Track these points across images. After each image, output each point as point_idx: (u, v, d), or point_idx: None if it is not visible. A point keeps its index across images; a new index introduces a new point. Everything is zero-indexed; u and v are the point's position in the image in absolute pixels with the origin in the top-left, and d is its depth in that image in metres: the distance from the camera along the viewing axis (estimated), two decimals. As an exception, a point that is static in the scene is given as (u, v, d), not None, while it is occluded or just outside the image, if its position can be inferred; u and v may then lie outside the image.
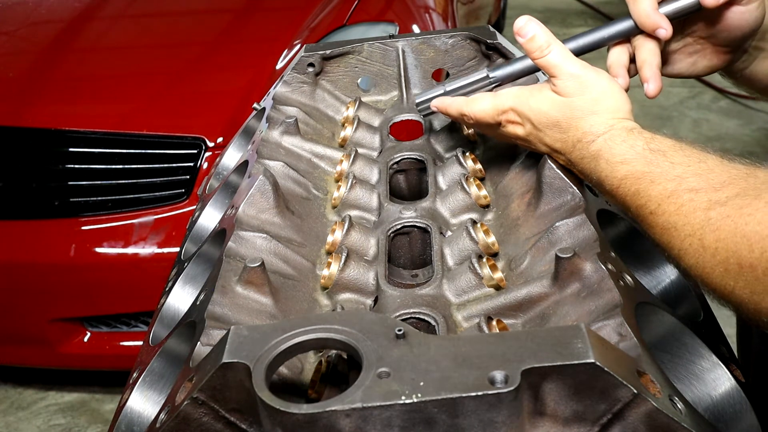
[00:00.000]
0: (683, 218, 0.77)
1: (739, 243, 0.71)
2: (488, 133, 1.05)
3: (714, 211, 0.75)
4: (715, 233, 0.73)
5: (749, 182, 0.75)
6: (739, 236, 0.71)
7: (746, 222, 0.71)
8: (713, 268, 0.74)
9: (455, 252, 0.95)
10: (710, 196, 0.76)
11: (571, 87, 0.92)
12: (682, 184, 0.79)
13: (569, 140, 0.92)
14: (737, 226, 0.72)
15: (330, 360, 0.81)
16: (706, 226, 0.74)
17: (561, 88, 0.92)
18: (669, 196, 0.79)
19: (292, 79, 1.30)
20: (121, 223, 2.47)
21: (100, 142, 2.52)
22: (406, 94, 1.32)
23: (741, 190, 0.74)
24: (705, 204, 0.76)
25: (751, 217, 0.71)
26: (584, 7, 6.79)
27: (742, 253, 0.71)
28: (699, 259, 0.75)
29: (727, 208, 0.74)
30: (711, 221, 0.74)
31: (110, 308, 2.56)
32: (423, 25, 3.21)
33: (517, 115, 0.96)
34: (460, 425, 0.60)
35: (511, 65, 1.04)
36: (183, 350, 0.90)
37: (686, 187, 0.78)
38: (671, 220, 0.78)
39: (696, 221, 0.76)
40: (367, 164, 1.14)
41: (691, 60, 1.05)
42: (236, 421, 0.68)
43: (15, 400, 2.88)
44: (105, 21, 3.14)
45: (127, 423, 0.89)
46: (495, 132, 1.01)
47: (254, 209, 1.01)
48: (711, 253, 0.74)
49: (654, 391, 0.65)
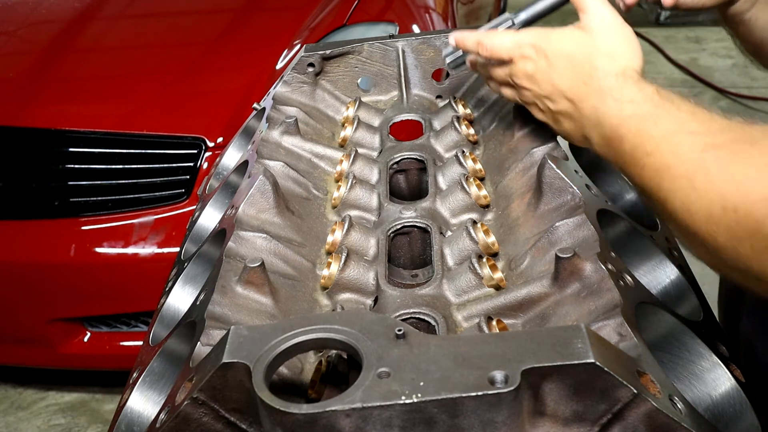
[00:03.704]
0: (678, 159, 0.77)
1: (728, 185, 0.72)
2: (494, 74, 1.04)
3: (708, 153, 0.75)
4: (706, 175, 0.74)
5: (746, 130, 0.76)
6: (729, 179, 0.72)
7: (738, 166, 0.72)
8: (698, 211, 0.74)
9: (455, 252, 0.95)
10: (707, 139, 0.76)
11: (597, 25, 0.94)
12: (683, 127, 0.79)
13: (579, 76, 0.92)
14: (728, 169, 0.72)
15: (330, 360, 0.81)
16: (699, 168, 0.75)
17: (586, 24, 0.95)
18: (669, 136, 0.80)
19: (292, 79, 1.30)
20: (121, 223, 2.47)
21: (100, 142, 2.52)
22: (406, 94, 1.32)
23: (738, 136, 0.75)
24: (701, 146, 0.76)
25: (743, 161, 0.72)
26: (584, 7, 6.79)
27: (728, 195, 0.71)
28: (685, 202, 0.75)
29: (722, 152, 0.74)
30: (704, 162, 0.75)
31: (110, 308, 2.56)
32: (423, 25, 3.21)
33: (534, 51, 0.97)
34: (460, 425, 0.60)
35: (533, 6, 1.07)
36: (183, 350, 0.90)
37: (686, 130, 0.79)
38: (665, 160, 0.79)
39: (690, 162, 0.76)
40: (367, 164, 1.14)
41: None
42: (236, 421, 0.68)
43: (15, 400, 2.88)
44: (105, 21, 3.14)
45: (127, 423, 0.89)
46: (502, 73, 1.02)
47: (254, 209, 1.01)
48: (698, 195, 0.74)
49: (654, 391, 0.65)
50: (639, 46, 0.94)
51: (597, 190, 1.01)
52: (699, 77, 4.97)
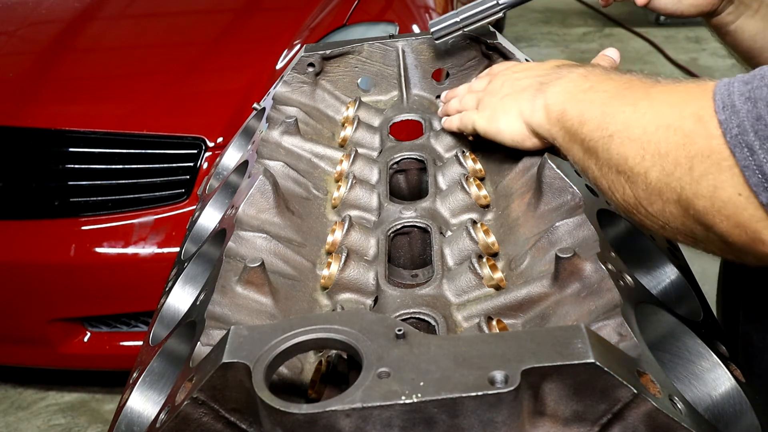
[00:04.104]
0: (629, 90, 0.81)
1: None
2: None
3: (657, 89, 0.79)
4: (649, 101, 0.77)
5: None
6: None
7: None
8: (637, 131, 0.76)
9: (455, 252, 0.95)
10: (662, 85, 0.80)
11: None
12: (644, 77, 0.83)
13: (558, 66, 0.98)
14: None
15: (330, 360, 0.81)
16: (644, 95, 0.79)
17: None
18: (628, 80, 0.84)
19: (292, 79, 1.30)
20: (121, 223, 2.47)
21: (100, 142, 2.52)
22: (406, 94, 1.32)
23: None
24: (652, 84, 0.80)
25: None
26: (584, 7, 6.80)
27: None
28: (627, 122, 0.78)
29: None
30: (651, 94, 0.79)
31: (110, 308, 2.56)
32: (423, 25, 3.21)
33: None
34: (460, 425, 0.60)
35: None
36: (183, 350, 0.90)
37: (646, 78, 0.83)
38: (618, 92, 0.82)
39: (638, 91, 0.80)
40: (367, 164, 1.14)
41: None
42: (236, 421, 0.68)
43: (15, 400, 2.88)
44: (105, 21, 3.15)
45: (127, 423, 0.89)
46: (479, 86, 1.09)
47: (254, 209, 1.01)
48: (638, 116, 0.77)
49: (654, 391, 0.65)
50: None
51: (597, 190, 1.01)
52: (699, 77, 4.97)
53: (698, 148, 0.69)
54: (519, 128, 0.98)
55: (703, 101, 0.70)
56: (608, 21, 6.36)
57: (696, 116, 0.70)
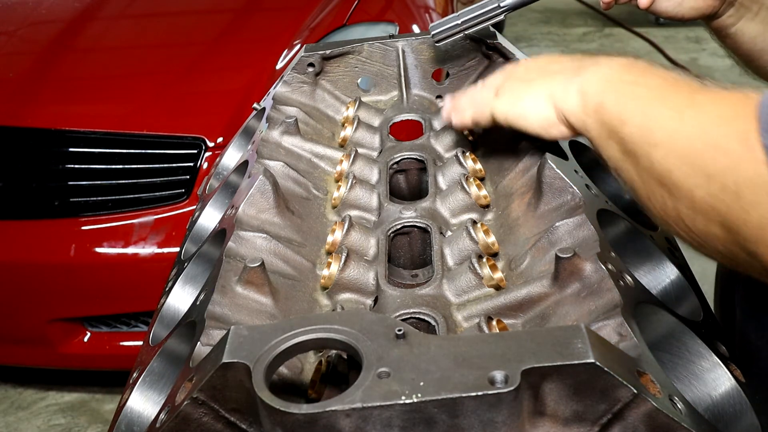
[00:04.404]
0: (675, 94, 0.76)
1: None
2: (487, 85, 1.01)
3: (702, 95, 0.74)
4: (695, 110, 0.72)
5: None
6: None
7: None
8: (682, 144, 0.71)
9: (455, 252, 0.95)
10: (707, 88, 0.75)
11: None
12: (690, 79, 0.77)
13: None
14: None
15: (330, 360, 0.81)
16: (689, 102, 0.74)
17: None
18: (675, 79, 0.77)
19: (292, 79, 1.30)
20: (121, 223, 2.47)
21: (100, 142, 2.53)
22: (406, 94, 1.32)
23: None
24: (698, 88, 0.75)
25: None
26: (584, 7, 6.80)
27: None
28: (671, 132, 0.73)
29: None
30: (696, 100, 0.74)
31: (110, 308, 2.56)
32: (423, 25, 3.21)
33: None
34: (460, 425, 0.60)
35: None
36: (183, 350, 0.90)
37: (692, 80, 0.77)
38: (664, 94, 0.77)
39: (683, 96, 0.75)
40: (367, 164, 1.14)
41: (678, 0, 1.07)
42: (236, 421, 0.68)
43: (15, 400, 2.89)
44: (105, 21, 3.15)
45: (127, 423, 0.89)
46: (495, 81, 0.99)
47: (254, 209, 1.01)
48: (684, 127, 0.72)
49: (654, 391, 0.65)
50: None
51: (597, 190, 1.01)
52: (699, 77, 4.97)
53: (746, 175, 0.64)
54: (547, 113, 0.89)
55: (748, 121, 0.65)
56: (608, 21, 6.36)
57: (742, 138, 0.65)
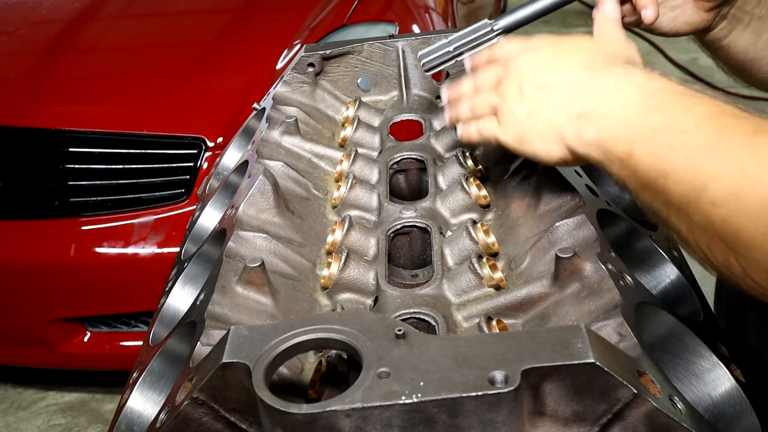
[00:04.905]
0: (724, 140, 0.68)
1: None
2: (481, 83, 0.96)
3: (760, 138, 0.67)
4: (760, 162, 0.65)
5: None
6: None
7: None
8: (752, 203, 0.64)
9: (455, 252, 0.95)
10: (756, 124, 0.69)
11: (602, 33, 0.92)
12: (725, 110, 0.72)
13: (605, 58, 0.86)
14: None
15: (330, 360, 0.81)
16: (750, 151, 0.66)
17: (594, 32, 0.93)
18: (712, 116, 0.72)
19: (292, 79, 1.30)
20: (121, 223, 2.47)
21: (100, 142, 2.53)
22: (406, 94, 1.32)
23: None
24: (751, 129, 0.68)
25: None
26: (584, 7, 6.80)
27: None
28: (735, 189, 0.66)
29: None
30: (756, 147, 0.66)
31: (110, 308, 2.56)
32: (423, 25, 3.21)
33: (544, 41, 0.91)
34: (460, 425, 0.60)
35: (514, 14, 1.02)
36: (183, 350, 0.90)
37: (730, 112, 0.72)
38: (709, 140, 0.69)
39: (738, 145, 0.68)
40: (367, 164, 1.14)
41: (673, 15, 1.06)
42: (236, 421, 0.68)
43: (15, 400, 2.88)
44: (105, 21, 3.15)
45: (127, 423, 0.89)
46: (493, 75, 0.94)
47: (254, 209, 1.01)
48: (751, 183, 0.65)
49: (654, 391, 0.65)
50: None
51: (597, 190, 1.01)
52: (699, 77, 4.97)
53: None
54: (560, 153, 0.85)
55: None
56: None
57: None
